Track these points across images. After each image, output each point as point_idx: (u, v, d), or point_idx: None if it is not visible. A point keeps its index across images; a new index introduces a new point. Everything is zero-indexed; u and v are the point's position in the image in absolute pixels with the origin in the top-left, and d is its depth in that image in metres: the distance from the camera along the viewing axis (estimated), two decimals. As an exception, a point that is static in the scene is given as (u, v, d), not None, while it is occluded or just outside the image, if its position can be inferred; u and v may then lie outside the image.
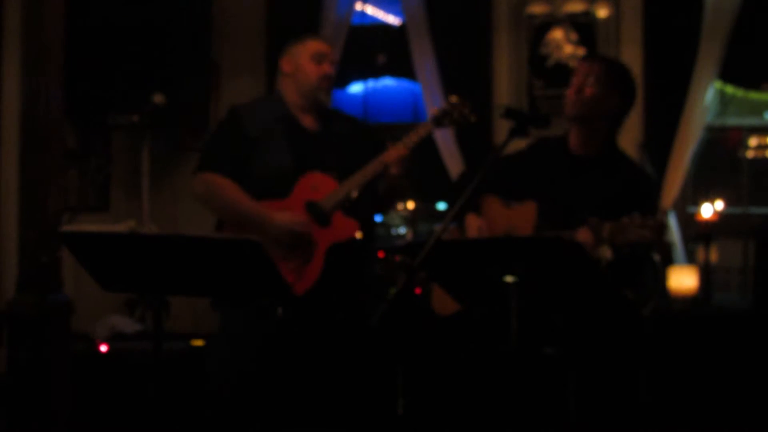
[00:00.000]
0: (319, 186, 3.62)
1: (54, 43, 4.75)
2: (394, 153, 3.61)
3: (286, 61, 3.83)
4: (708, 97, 5.05)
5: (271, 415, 3.75)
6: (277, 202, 3.60)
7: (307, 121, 3.76)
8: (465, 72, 5.53)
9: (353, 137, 3.83)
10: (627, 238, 3.06)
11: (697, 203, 5.35)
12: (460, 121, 3.74)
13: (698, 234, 5.01)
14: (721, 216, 5.10)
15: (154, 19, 5.54)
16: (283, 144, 3.68)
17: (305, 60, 3.76)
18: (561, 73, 5.34)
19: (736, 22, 4.98)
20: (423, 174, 6.01)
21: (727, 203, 5.38)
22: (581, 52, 5.33)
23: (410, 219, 6.23)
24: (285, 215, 3.54)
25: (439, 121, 3.74)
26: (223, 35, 5.92)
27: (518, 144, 3.44)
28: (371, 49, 5.85)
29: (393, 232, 7.06)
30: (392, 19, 5.96)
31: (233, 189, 3.60)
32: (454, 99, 3.78)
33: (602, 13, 5.34)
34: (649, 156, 5.14)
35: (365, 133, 3.99)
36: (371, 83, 6.04)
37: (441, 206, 6.31)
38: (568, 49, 5.36)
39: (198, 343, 4.96)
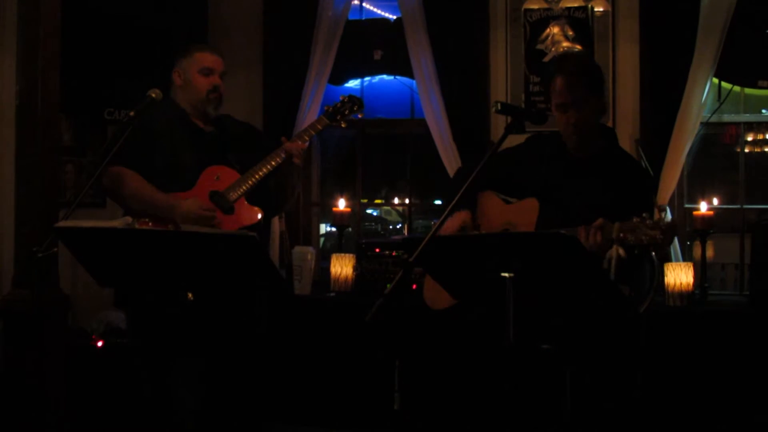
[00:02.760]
0: (222, 176, 3.82)
1: (50, 38, 4.74)
2: (295, 145, 3.85)
3: (176, 74, 3.97)
4: (704, 92, 5.04)
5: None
6: (183, 194, 3.76)
7: (203, 124, 3.96)
8: (462, 68, 5.52)
9: (246, 137, 4.06)
10: (637, 238, 3.06)
11: (693, 199, 5.36)
12: (349, 117, 4.07)
13: (694, 230, 5.02)
14: (717, 212, 5.10)
15: (150, 14, 5.54)
16: (183, 141, 3.86)
17: (193, 74, 3.92)
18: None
19: (732, 19, 4.97)
20: (420, 170, 6.03)
21: (724, 199, 5.39)
22: (578, 48, 5.33)
23: (406, 214, 6.23)
24: (193, 201, 3.71)
25: (332, 116, 4.03)
26: (219, 31, 5.91)
27: (513, 139, 3.44)
28: (368, 45, 5.84)
29: (389, 227, 7.07)
30: (389, 15, 5.95)
31: (140, 180, 3.76)
32: (344, 97, 4.07)
33: (599, 8, 5.34)
34: (645, 152, 5.14)
35: (257, 134, 4.30)
36: (367, 79, 6.03)
37: (438, 202, 6.31)
38: (566, 44, 5.36)
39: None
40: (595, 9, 5.34)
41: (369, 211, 6.92)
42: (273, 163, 3.83)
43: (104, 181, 3.80)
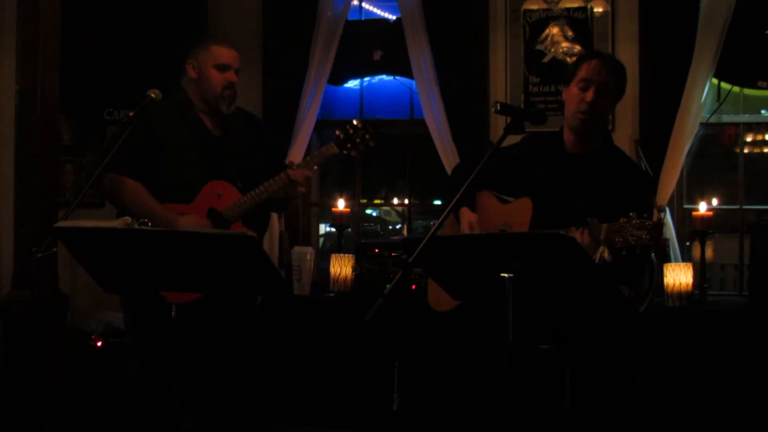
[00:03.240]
0: (224, 194, 3.76)
1: (49, 38, 4.73)
2: (301, 173, 3.75)
3: (191, 66, 3.87)
4: (704, 93, 5.05)
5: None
6: (182, 206, 3.71)
7: (213, 125, 3.87)
8: (461, 68, 5.52)
9: (256, 141, 3.96)
10: (624, 239, 3.06)
11: (692, 200, 5.36)
12: (360, 147, 3.86)
13: (694, 230, 5.02)
14: (716, 212, 5.10)
15: (150, 14, 5.54)
16: (190, 150, 3.79)
17: (208, 68, 3.82)
18: (557, 69, 5.35)
19: (732, 19, 4.97)
20: (419, 170, 6.03)
21: (723, 200, 5.39)
22: (578, 48, 5.33)
23: (406, 215, 6.23)
24: (189, 219, 3.66)
25: (342, 144, 3.86)
26: (219, 31, 5.91)
27: (511, 140, 3.44)
28: (367, 45, 5.84)
29: (389, 227, 7.08)
30: (388, 15, 5.95)
31: (141, 192, 3.71)
32: (357, 123, 3.88)
33: (599, 9, 5.34)
34: (644, 152, 5.14)
35: (267, 137, 4.15)
36: (367, 79, 6.03)
37: (437, 202, 6.31)
38: (565, 45, 5.36)
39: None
40: (595, 9, 5.34)
41: (368, 211, 6.92)
42: (276, 187, 3.76)
43: (105, 186, 3.76)
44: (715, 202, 5.25)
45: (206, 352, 3.75)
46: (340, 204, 5.50)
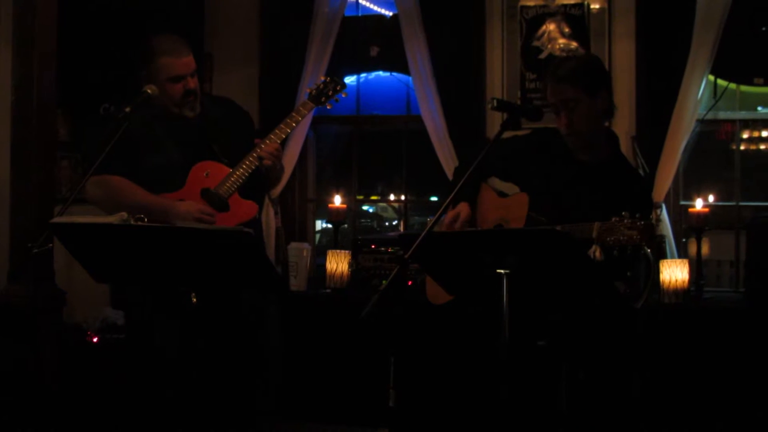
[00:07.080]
0: (212, 172, 3.68)
1: (46, 32, 4.73)
2: (267, 148, 3.68)
3: (143, 80, 3.74)
4: (700, 89, 5.05)
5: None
6: (173, 194, 3.63)
7: (186, 112, 3.78)
8: (458, 64, 5.52)
9: (227, 118, 3.89)
10: (616, 238, 3.07)
11: (689, 196, 5.36)
12: (333, 98, 3.93)
13: (690, 227, 5.02)
14: (712, 209, 5.11)
15: (148, 9, 5.53)
16: (166, 138, 3.72)
17: (162, 82, 3.70)
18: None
19: (729, 16, 4.98)
20: (416, 166, 6.03)
21: (719, 196, 5.39)
22: (574, 45, 5.33)
23: (402, 211, 6.24)
24: (190, 204, 3.57)
25: (316, 98, 3.90)
26: (216, 26, 5.91)
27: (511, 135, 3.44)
28: (364, 41, 5.83)
29: (385, 223, 7.08)
30: (385, 11, 5.94)
31: (130, 185, 3.61)
32: (325, 78, 3.96)
33: (595, 5, 5.34)
34: (641, 149, 5.14)
35: (238, 111, 4.03)
36: (364, 75, 6.03)
37: (434, 198, 6.32)
38: (562, 41, 5.36)
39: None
40: (591, 6, 5.34)
41: (365, 207, 6.92)
42: (257, 155, 3.69)
43: (91, 191, 3.65)
44: (711, 198, 5.24)
45: (204, 345, 3.71)
46: (337, 200, 5.50)
